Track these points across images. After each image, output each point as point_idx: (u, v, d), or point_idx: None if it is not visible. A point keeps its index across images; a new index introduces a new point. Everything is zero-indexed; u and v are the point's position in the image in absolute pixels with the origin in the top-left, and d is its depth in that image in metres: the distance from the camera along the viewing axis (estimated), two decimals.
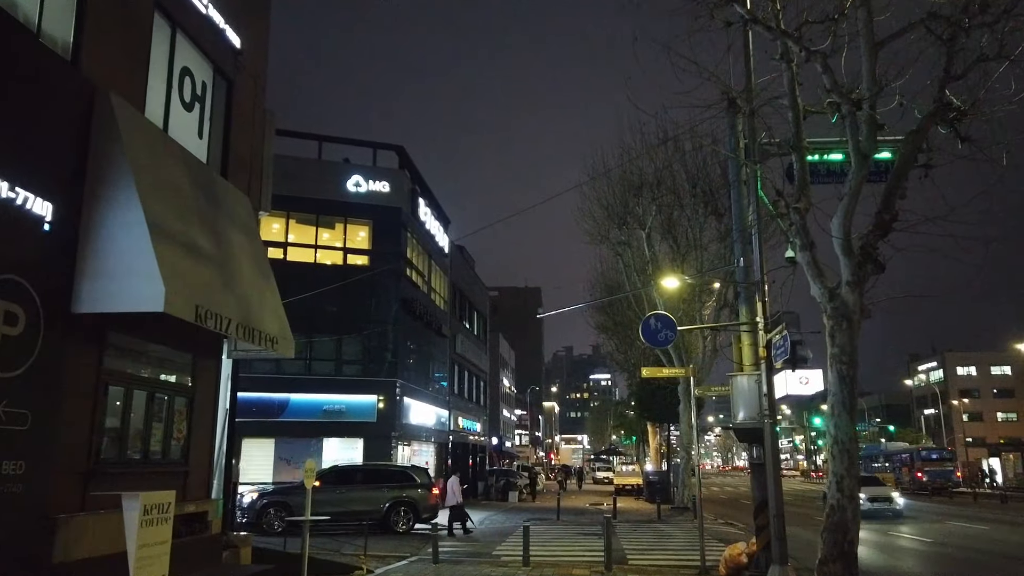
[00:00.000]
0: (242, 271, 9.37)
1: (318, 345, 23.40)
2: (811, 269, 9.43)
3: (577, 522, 23.68)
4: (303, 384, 22.62)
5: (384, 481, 20.11)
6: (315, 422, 22.52)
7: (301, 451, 22.54)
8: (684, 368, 15.05)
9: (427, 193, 28.30)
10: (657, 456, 43.51)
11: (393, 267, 24.49)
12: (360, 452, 22.91)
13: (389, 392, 23.45)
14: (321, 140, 24.42)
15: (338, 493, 19.47)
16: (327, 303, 23.29)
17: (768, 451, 11.87)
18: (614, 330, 43.47)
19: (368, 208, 24.03)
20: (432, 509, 20.35)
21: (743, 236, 13.34)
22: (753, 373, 12.59)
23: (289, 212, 23.48)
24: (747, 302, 13.06)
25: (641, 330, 12.52)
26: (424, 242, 28.19)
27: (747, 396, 12.56)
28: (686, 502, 29.48)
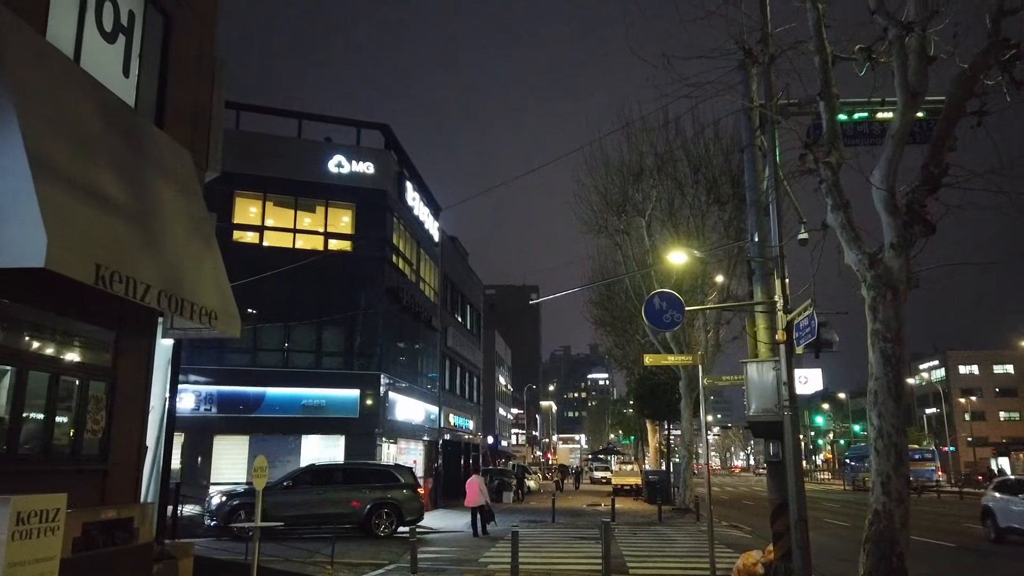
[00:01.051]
0: (172, 233, 7.90)
1: (297, 336, 21.94)
2: (846, 232, 8.01)
3: (573, 524, 22.28)
4: (280, 377, 21.15)
5: (365, 481, 18.69)
6: (293, 418, 21.05)
7: (278, 449, 21.06)
8: (690, 354, 13.59)
9: (415, 177, 26.83)
10: (656, 455, 42.18)
11: (378, 253, 23.01)
12: (342, 450, 21.44)
13: (373, 386, 21.98)
14: (301, 118, 22.96)
15: (315, 494, 18.06)
16: (307, 291, 21.85)
17: (788, 447, 10.45)
18: (612, 325, 42.14)
19: (351, 190, 22.56)
20: (418, 511, 18.92)
21: (757, 207, 11.93)
22: (770, 360, 11.17)
23: (266, 194, 22.02)
24: (762, 280, 11.64)
25: (644, 311, 11.10)
26: (412, 228, 26.71)
27: (763, 385, 11.15)
28: (688, 503, 28.19)
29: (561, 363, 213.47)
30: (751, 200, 12.00)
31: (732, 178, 28.33)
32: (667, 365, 29.28)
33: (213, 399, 20.40)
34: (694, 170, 28.51)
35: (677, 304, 10.99)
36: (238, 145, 22.18)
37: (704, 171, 28.51)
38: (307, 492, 18.03)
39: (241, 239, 21.79)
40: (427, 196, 29.03)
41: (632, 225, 30.12)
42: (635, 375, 42.27)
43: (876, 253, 7.69)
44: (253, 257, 21.67)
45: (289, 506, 17.82)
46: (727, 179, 28.46)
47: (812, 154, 8.61)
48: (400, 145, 25.04)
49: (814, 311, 9.33)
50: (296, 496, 18.01)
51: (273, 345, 21.56)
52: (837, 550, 15.67)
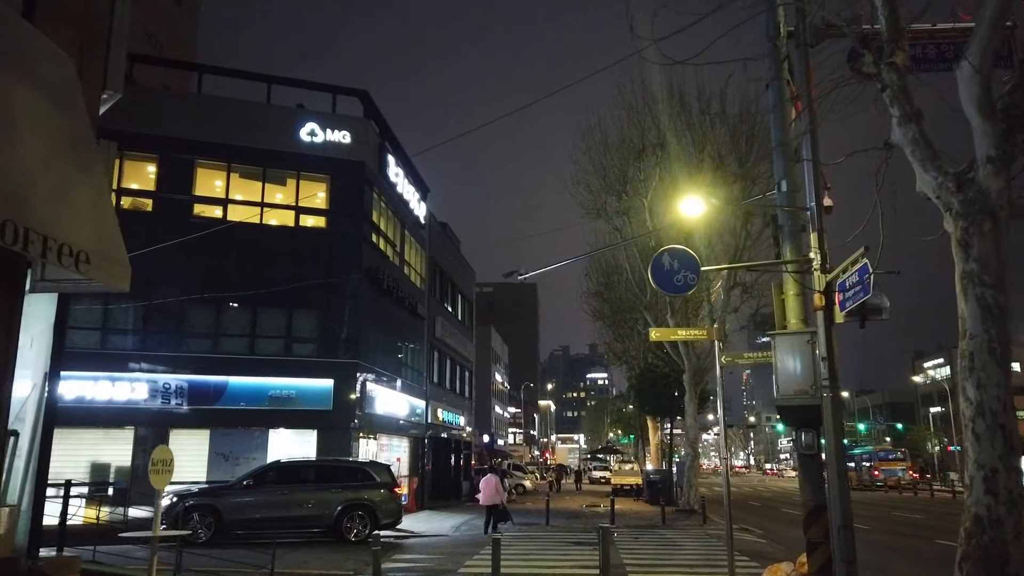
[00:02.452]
0: (28, 147, 5.92)
1: (264, 320, 19.97)
2: (920, 149, 6.06)
3: (569, 527, 20.35)
4: (245, 365, 19.18)
5: (336, 480, 16.77)
6: (259, 410, 19.08)
7: (243, 444, 19.12)
8: (704, 328, 11.63)
9: (399, 151, 24.84)
10: (658, 454, 40.24)
11: (355, 231, 21.03)
12: (314, 446, 19.48)
13: (349, 376, 20.00)
14: (270, 82, 20.96)
15: (279, 494, 16.13)
16: (275, 270, 19.90)
17: (830, 436, 8.50)
18: (611, 317, 40.23)
19: (325, 161, 20.59)
20: (395, 514, 16.98)
21: (786, 151, 9.99)
22: (804, 331, 9.24)
23: (231, 164, 20.04)
24: (792, 238, 9.70)
25: (651, 273, 9.15)
26: (395, 207, 24.72)
27: (794, 362, 9.22)
28: (692, 504, 26.27)
29: (560, 363, 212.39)
30: (778, 143, 10.05)
31: (739, 157, 26.56)
32: (677, 341, 27.41)
33: (169, 389, 18.44)
34: (699, 148, 26.66)
35: (691, 263, 9.04)
36: (200, 110, 20.32)
37: (710, 149, 26.69)
38: (270, 492, 16.10)
39: (203, 213, 19.83)
40: (413, 175, 27.06)
41: (633, 208, 28.21)
42: (635, 370, 40.34)
43: (965, 172, 5.75)
44: (215, 233, 19.72)
45: (249, 508, 15.92)
46: (734, 158, 26.67)
47: (870, 55, 6.67)
48: (381, 115, 23.06)
49: (866, 263, 7.40)
50: (258, 497, 16.08)
51: (237, 330, 19.60)
52: (870, 562, 13.70)
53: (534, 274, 14.11)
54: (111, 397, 18.01)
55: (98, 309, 18.49)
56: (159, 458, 7.03)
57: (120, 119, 19.79)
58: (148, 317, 18.79)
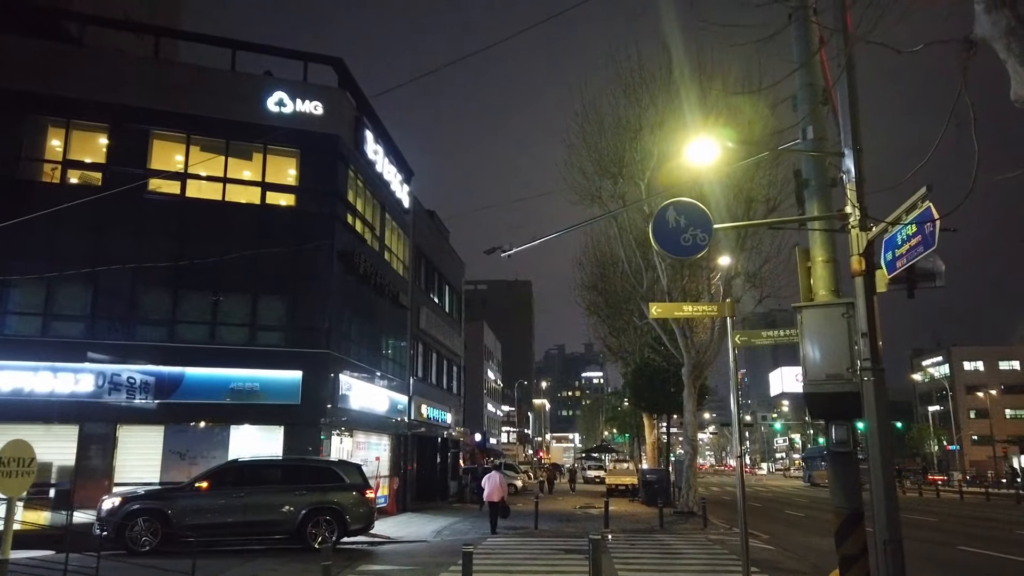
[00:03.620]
0: None
1: (227, 305, 18.24)
2: (1018, 40, 4.51)
3: (560, 532, 18.76)
4: (204, 355, 17.47)
5: (301, 481, 15.17)
6: (220, 404, 17.37)
7: (200, 442, 17.41)
8: (715, 304, 9.99)
9: (378, 128, 23.15)
10: (654, 452, 38.69)
11: (328, 210, 19.33)
12: (281, 443, 17.82)
13: (320, 367, 18.32)
14: (235, 48, 19.23)
15: (236, 497, 14.53)
16: (239, 252, 18.22)
17: (874, 428, 6.90)
18: (607, 311, 38.68)
19: (295, 134, 18.86)
20: (365, 518, 15.37)
21: (811, 91, 8.39)
22: (837, 302, 7.64)
23: (190, 135, 18.31)
24: (820, 194, 8.10)
25: (654, 233, 7.53)
26: (374, 188, 23.02)
27: (825, 340, 7.62)
28: (692, 506, 24.73)
29: (555, 362, 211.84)
30: (803, 82, 8.43)
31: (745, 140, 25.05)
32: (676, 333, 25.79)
33: (118, 381, 16.72)
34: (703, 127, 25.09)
35: (701, 219, 7.42)
36: (157, 77, 18.63)
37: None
38: (226, 495, 14.48)
39: (159, 189, 18.10)
40: (395, 155, 25.37)
41: (628, 193, 26.62)
42: (631, 366, 38.77)
43: None
44: (173, 211, 18.07)
45: (202, 512, 14.31)
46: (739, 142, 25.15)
47: None
48: (358, 86, 21.34)
49: (932, 206, 5.81)
50: (212, 500, 14.46)
51: (196, 316, 17.89)
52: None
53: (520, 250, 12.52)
54: (53, 389, 16.31)
55: (40, 292, 16.80)
56: (12, 455, 5.39)
57: (68, 85, 18.24)
58: (96, 301, 17.10)
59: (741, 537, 9.33)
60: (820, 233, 8.12)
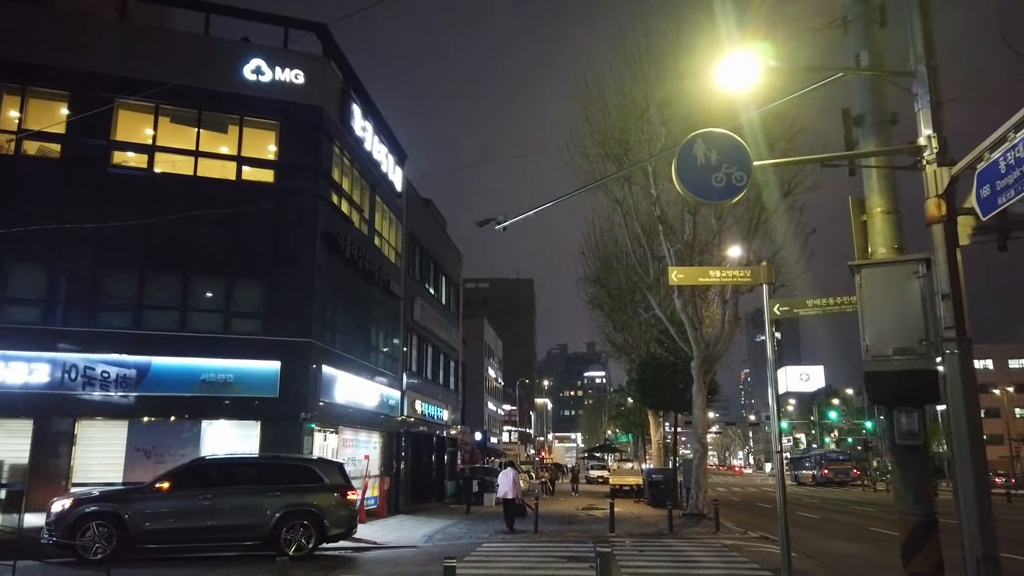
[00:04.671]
0: None
1: (198, 290, 16.77)
2: None
3: (562, 536, 17.28)
4: (173, 343, 16.00)
5: (275, 481, 13.72)
6: (189, 397, 15.91)
7: (168, 439, 15.94)
8: (750, 269, 8.46)
9: (367, 103, 21.61)
10: (660, 452, 37.18)
11: (311, 188, 17.84)
12: (257, 440, 16.36)
13: (300, 357, 16.84)
14: (209, 11, 17.75)
15: (201, 499, 13.04)
16: (212, 232, 16.81)
17: (961, 414, 5.42)
18: (610, 304, 37.19)
19: (274, 105, 17.40)
20: (346, 522, 13.91)
21: (864, 8, 6.93)
22: (906, 259, 6.16)
23: (159, 105, 16.84)
24: (877, 131, 6.64)
25: (678, 171, 6.04)
26: (363, 167, 21.50)
27: (891, 305, 6.14)
28: (702, 508, 23.21)
29: (557, 361, 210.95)
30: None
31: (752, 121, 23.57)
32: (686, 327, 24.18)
33: (77, 371, 15.26)
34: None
35: (737, 154, 5.93)
36: (123, 42, 17.15)
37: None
38: (191, 496, 13.00)
39: (124, 163, 16.67)
40: (386, 134, 23.87)
41: (634, 176, 25.13)
42: (635, 362, 37.24)
43: None
44: (141, 187, 16.61)
45: (164, 516, 12.87)
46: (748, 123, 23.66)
47: None
48: (344, 57, 19.86)
49: None
50: (175, 502, 12.99)
51: (165, 301, 16.42)
52: None
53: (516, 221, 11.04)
54: (3, 380, 14.87)
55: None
56: None
57: (25, 48, 16.76)
58: (53, 284, 15.65)
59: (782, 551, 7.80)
60: (879, 179, 6.66)
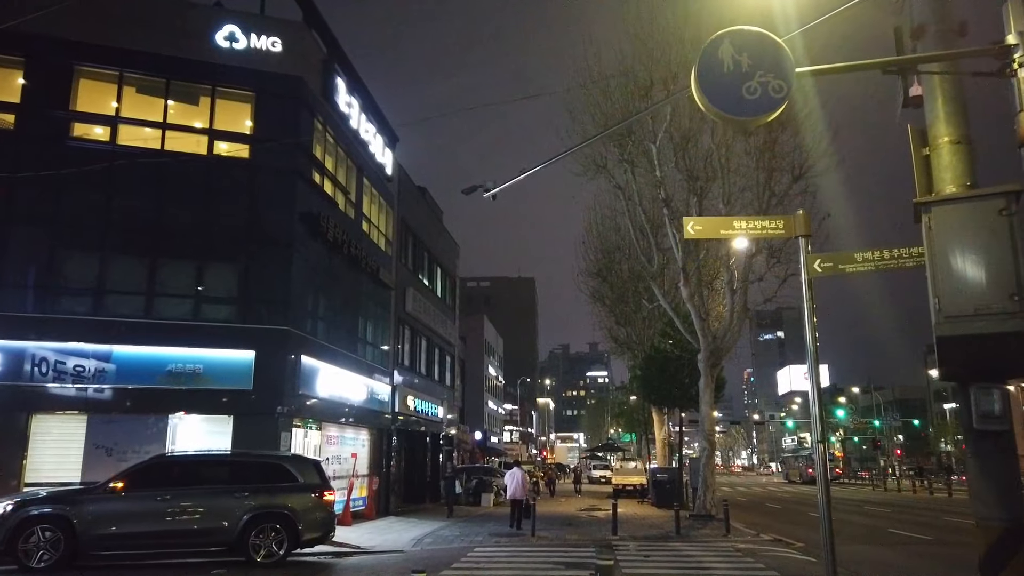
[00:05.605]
0: None
1: (166, 273, 15.49)
2: None
3: (561, 540, 15.98)
4: (137, 331, 14.73)
5: (245, 480, 12.39)
6: (155, 389, 14.63)
7: (131, 434, 14.66)
8: (783, 219, 7.11)
9: (353, 77, 20.30)
10: (665, 450, 35.85)
11: (289, 164, 16.55)
12: (230, 436, 15.08)
13: (276, 346, 15.57)
14: None
15: (161, 500, 11.73)
16: (181, 211, 15.54)
17: None
18: (612, 297, 35.84)
19: (249, 74, 16.13)
20: (323, 525, 12.61)
21: None
22: (990, 192, 4.87)
23: (123, 73, 15.58)
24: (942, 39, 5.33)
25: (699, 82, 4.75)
26: (348, 146, 20.19)
27: (971, 252, 4.81)
28: (710, 508, 21.90)
29: (560, 361, 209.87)
30: None
31: None
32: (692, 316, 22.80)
33: (32, 361, 13.98)
34: None
35: (774, 58, 4.63)
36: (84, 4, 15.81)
37: None
38: (149, 497, 11.70)
39: (85, 135, 15.42)
40: (375, 114, 22.56)
41: (639, 156, 23.85)
42: (638, 357, 35.91)
43: None
44: (103, 161, 15.31)
45: (119, 519, 11.59)
46: None
47: None
48: (328, 27, 18.59)
49: None
50: (131, 504, 11.70)
51: (129, 286, 15.15)
52: None
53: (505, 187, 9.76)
54: None
55: None
56: None
57: None
58: (5, 267, 14.38)
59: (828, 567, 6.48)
60: (946, 101, 5.34)
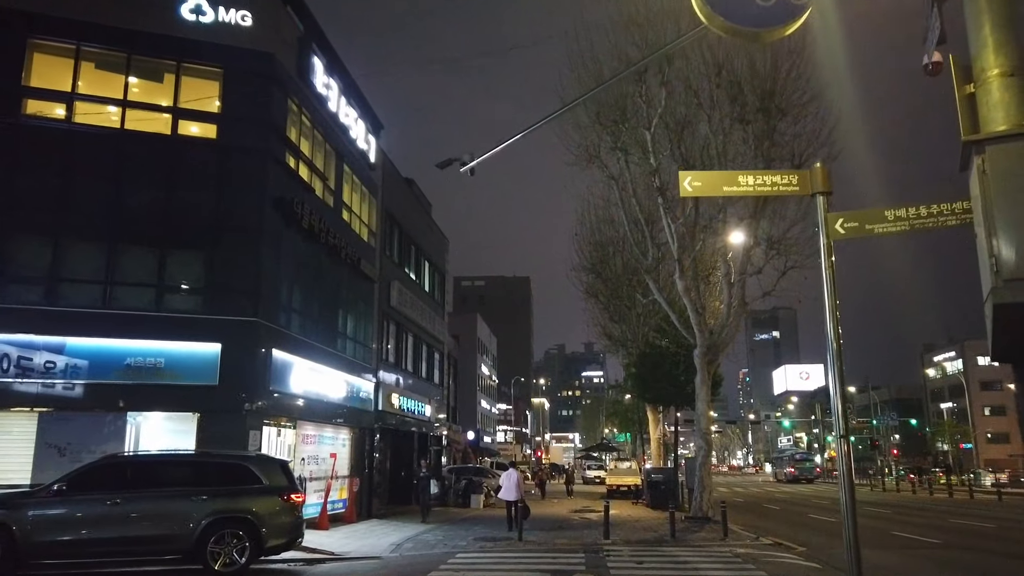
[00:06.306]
0: None
1: (127, 261, 14.48)
2: None
3: (550, 544, 15.05)
4: (93, 321, 13.73)
5: (203, 482, 11.39)
6: (112, 384, 13.63)
7: (87, 433, 13.64)
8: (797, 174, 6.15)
9: (333, 58, 19.33)
10: (660, 450, 34.97)
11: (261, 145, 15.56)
12: (194, 435, 14.08)
13: (245, 339, 14.57)
14: None
15: (110, 504, 10.72)
16: (143, 194, 14.54)
17: None
18: (607, 295, 34.92)
19: (217, 50, 15.12)
20: (289, 530, 11.62)
21: None
22: None
23: (81, 46, 14.58)
24: None
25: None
26: (326, 130, 19.18)
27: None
28: (707, 510, 20.98)
29: (555, 361, 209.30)
30: None
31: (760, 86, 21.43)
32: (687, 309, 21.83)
33: None
34: (716, 70, 21.44)
35: None
36: None
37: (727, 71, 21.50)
38: (99, 501, 10.69)
39: (40, 112, 14.41)
40: (358, 99, 21.56)
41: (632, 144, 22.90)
42: (633, 355, 34.99)
43: None
44: (58, 140, 14.33)
45: (65, 525, 10.60)
46: (753, 89, 21.52)
47: None
48: (303, 3, 17.60)
49: None
50: (78, 508, 10.70)
51: (86, 274, 14.15)
52: None
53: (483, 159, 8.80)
54: None
55: None
56: None
57: None
58: None
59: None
60: (994, 27, 4.42)
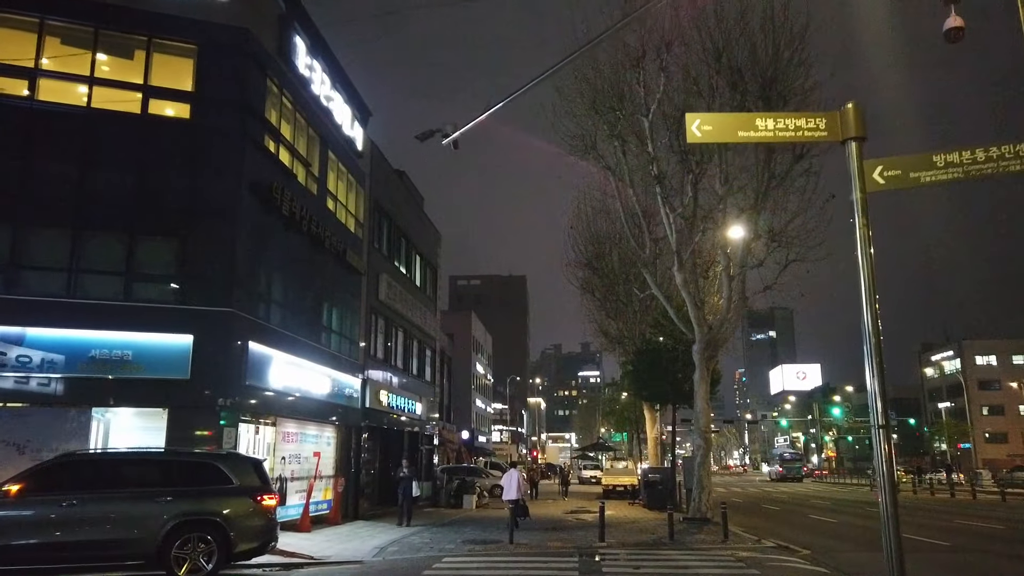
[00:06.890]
0: None
1: (91, 247, 13.63)
2: None
3: (542, 548, 14.29)
4: (55, 311, 12.90)
5: (168, 482, 10.59)
6: (76, 378, 12.79)
7: (48, 430, 12.79)
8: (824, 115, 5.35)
9: (316, 37, 18.50)
10: (657, 449, 34.21)
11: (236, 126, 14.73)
12: (164, 433, 13.26)
13: (218, 330, 13.75)
14: None
15: (68, 506, 9.91)
16: (111, 177, 13.71)
17: None
18: (603, 291, 34.16)
19: (191, 25, 14.32)
20: (261, 534, 10.81)
21: None
22: None
23: (45, 19, 13.76)
24: None
25: None
26: (309, 113, 18.33)
27: None
28: (706, 511, 20.23)
29: (552, 361, 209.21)
30: None
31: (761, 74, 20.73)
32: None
33: None
34: (715, 55, 20.72)
35: None
36: None
37: (727, 56, 20.79)
38: (53, 503, 9.88)
39: (0, 89, 13.59)
40: (343, 83, 20.72)
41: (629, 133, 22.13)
42: (629, 352, 34.22)
43: None
44: (20, 120, 13.51)
45: (17, 528, 9.86)
46: (755, 77, 20.82)
47: None
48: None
49: None
50: (32, 510, 9.90)
51: (49, 260, 13.33)
52: None
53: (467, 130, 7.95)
54: None
55: None
56: None
57: None
58: None
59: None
60: None
